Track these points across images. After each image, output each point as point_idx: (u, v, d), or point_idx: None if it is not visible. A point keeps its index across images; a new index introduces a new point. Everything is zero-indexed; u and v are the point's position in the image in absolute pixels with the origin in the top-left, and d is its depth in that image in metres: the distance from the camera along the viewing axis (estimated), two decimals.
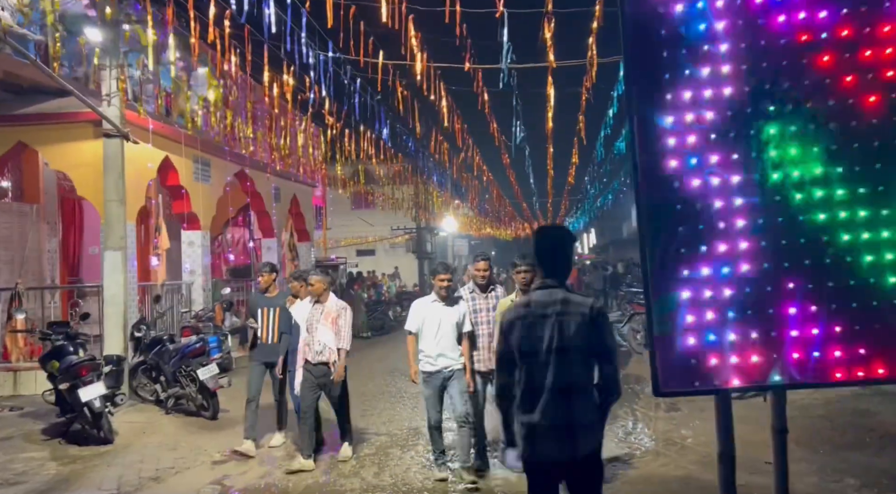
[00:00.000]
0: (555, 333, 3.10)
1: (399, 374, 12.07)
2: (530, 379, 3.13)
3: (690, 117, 2.89)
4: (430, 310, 6.06)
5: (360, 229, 36.96)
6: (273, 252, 16.76)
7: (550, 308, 3.15)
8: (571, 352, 3.09)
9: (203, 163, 13.12)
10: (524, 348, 3.16)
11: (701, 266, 2.82)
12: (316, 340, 6.60)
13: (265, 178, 15.83)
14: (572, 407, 3.06)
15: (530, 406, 3.10)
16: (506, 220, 40.19)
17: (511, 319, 3.24)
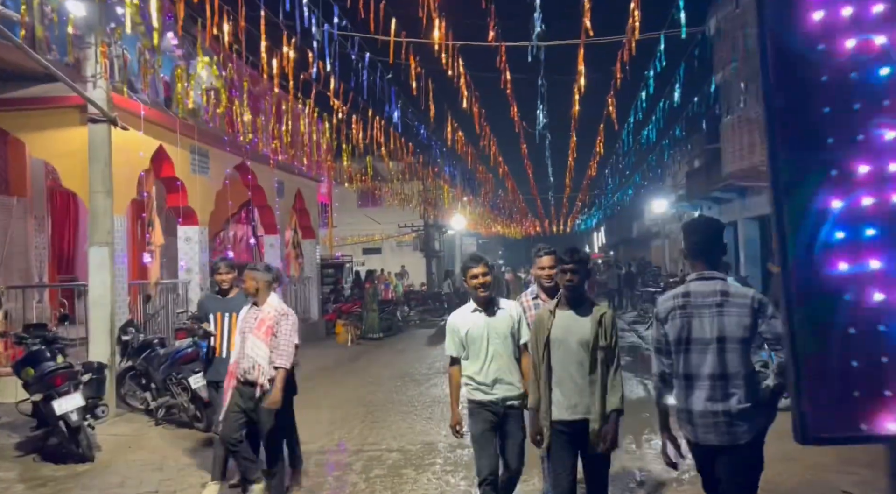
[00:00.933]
0: (715, 322, 3.25)
1: (409, 380, 11.24)
2: (688, 366, 3.32)
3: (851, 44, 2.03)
4: (472, 323, 4.39)
5: (367, 226, 36.16)
6: (276, 250, 15.94)
7: (711, 298, 3.30)
8: (732, 341, 3.24)
9: (201, 154, 12.31)
10: (683, 336, 3.32)
11: (874, 257, 1.97)
12: (245, 354, 5.21)
13: (268, 171, 14.99)
14: (731, 394, 3.23)
15: (689, 393, 3.31)
16: (517, 217, 39.24)
17: (670, 308, 3.40)
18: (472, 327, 4.39)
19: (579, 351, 3.82)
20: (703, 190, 24.38)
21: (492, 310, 4.43)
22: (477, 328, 4.37)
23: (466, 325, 4.42)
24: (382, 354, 14.69)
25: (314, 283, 18.09)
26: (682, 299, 3.37)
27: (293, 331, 5.34)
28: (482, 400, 4.35)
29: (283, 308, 5.36)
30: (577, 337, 3.83)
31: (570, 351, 3.83)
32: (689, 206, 26.88)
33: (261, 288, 5.30)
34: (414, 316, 23.73)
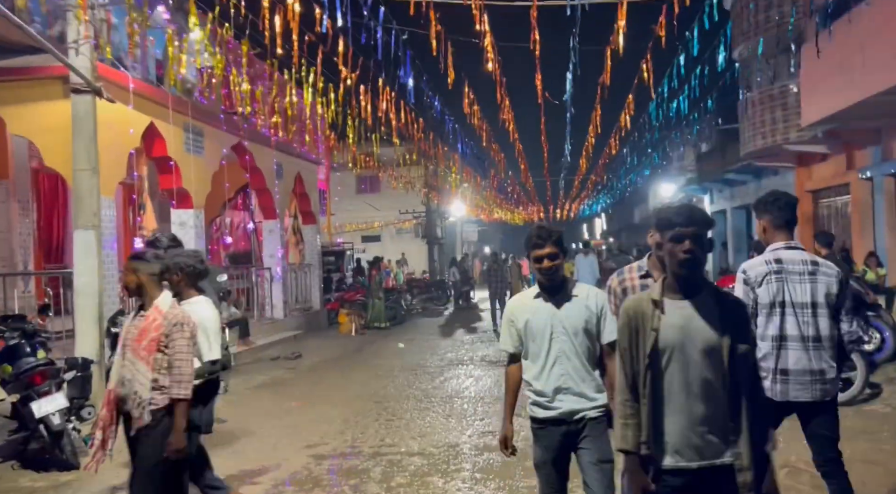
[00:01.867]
0: (808, 288, 3.48)
1: (422, 372, 10.51)
2: (783, 328, 3.51)
3: None
4: (532, 311, 3.37)
5: (366, 213, 35.40)
6: (276, 236, 15.17)
7: (802, 266, 3.53)
8: (822, 306, 3.48)
9: (195, 132, 11.50)
10: (778, 299, 3.50)
11: None
12: (123, 378, 3.78)
13: (266, 152, 14.20)
14: (821, 356, 3.49)
15: (782, 353, 3.51)
16: (524, 201, 38.37)
17: (764, 272, 3.54)
18: (532, 316, 3.35)
19: (707, 364, 2.54)
20: (716, 172, 23.62)
21: (561, 297, 3.34)
22: (539, 318, 3.33)
23: (526, 313, 3.38)
24: (389, 344, 13.95)
25: (315, 270, 17.33)
26: (775, 264, 3.57)
27: (191, 346, 3.79)
28: (543, 417, 3.34)
29: (176, 315, 3.75)
30: (701, 341, 2.54)
31: (691, 364, 2.55)
32: (700, 189, 26.12)
33: (144, 284, 3.77)
34: (417, 305, 23.03)
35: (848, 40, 9.46)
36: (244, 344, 12.48)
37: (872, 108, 10.27)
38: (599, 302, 3.37)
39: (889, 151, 13.36)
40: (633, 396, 2.64)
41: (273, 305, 14.96)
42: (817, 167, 16.83)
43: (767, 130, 15.91)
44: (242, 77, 11.05)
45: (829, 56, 9.69)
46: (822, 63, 10.76)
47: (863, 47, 9.05)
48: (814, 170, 17.06)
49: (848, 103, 10.16)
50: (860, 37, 8.93)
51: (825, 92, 11.03)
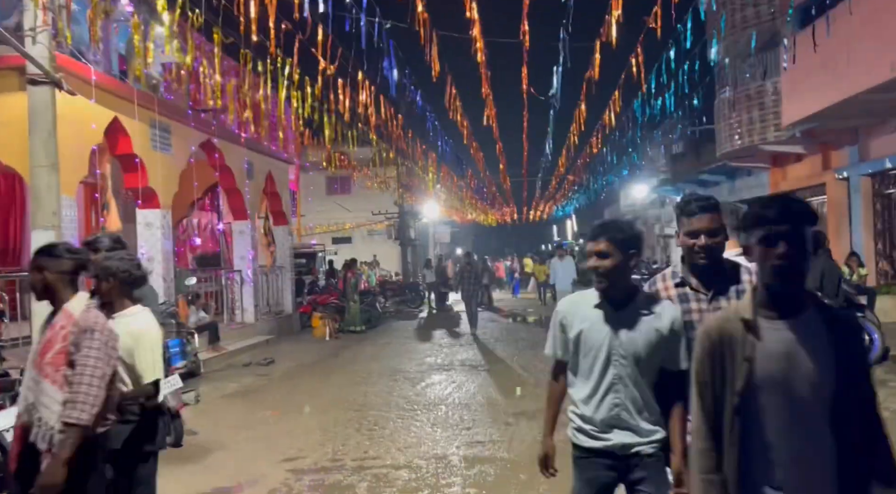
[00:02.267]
0: None
1: (402, 378, 10.14)
2: None
3: None
4: (590, 321, 2.76)
5: (337, 214, 34.85)
6: (246, 237, 14.66)
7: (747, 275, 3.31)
8: None
9: (162, 128, 10.99)
10: None
11: None
12: (22, 397, 3.13)
13: (237, 150, 13.71)
14: None
15: None
16: (499, 201, 38.12)
17: None
18: (588, 329, 2.73)
19: (816, 404, 1.96)
20: (689, 173, 23.67)
21: (627, 313, 2.70)
22: (596, 334, 2.72)
23: (581, 322, 2.76)
24: (366, 348, 13.55)
25: (287, 273, 16.84)
26: None
27: (103, 359, 2.96)
28: (588, 447, 2.76)
29: (88, 319, 3.01)
30: (808, 375, 1.95)
31: (795, 403, 1.97)
32: (673, 190, 26.16)
33: (52, 284, 3.07)
34: (390, 308, 22.60)
35: (831, 39, 9.36)
36: (214, 350, 11.98)
37: (856, 106, 10.21)
38: (674, 322, 2.66)
39: (866, 152, 13.40)
40: (716, 444, 2.03)
41: (244, 308, 14.46)
42: (792, 168, 16.88)
43: (744, 130, 15.89)
44: (212, 70, 10.60)
45: (812, 55, 9.59)
46: (803, 62, 10.67)
47: (847, 46, 8.95)
48: (788, 170, 17.12)
49: (831, 102, 10.09)
50: (844, 35, 8.84)
51: (807, 91, 10.96)
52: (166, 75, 13.71)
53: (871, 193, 13.36)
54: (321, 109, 10.07)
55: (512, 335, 15.00)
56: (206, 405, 8.58)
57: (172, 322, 9.58)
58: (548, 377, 2.99)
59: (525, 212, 40.60)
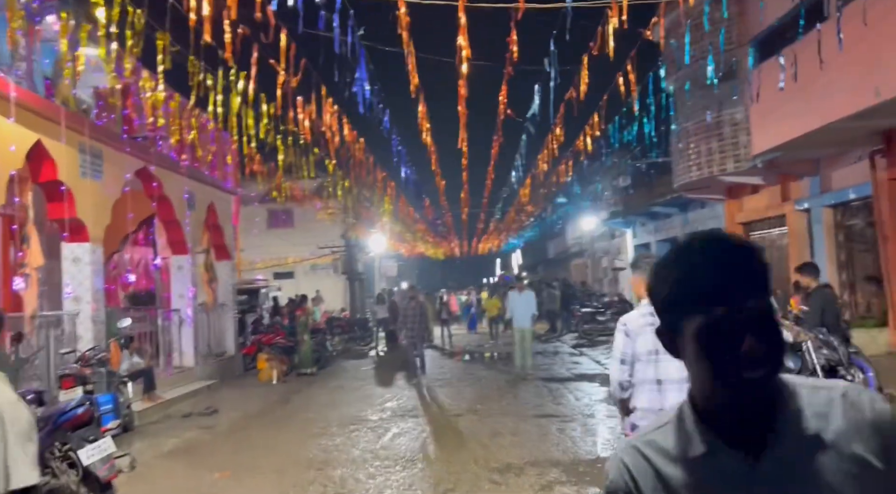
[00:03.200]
0: None
1: (365, 428, 9.18)
2: (659, 373, 3.67)
3: None
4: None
5: (278, 249, 33.56)
6: (186, 273, 13.48)
7: None
8: None
9: (93, 154, 9.90)
10: (655, 347, 3.57)
11: None
12: None
13: (176, 179, 12.62)
14: None
15: (663, 395, 3.63)
16: (449, 234, 37.40)
17: (643, 324, 3.61)
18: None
19: None
20: (640, 205, 23.60)
21: (783, 451, 1.22)
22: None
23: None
24: (319, 393, 12.49)
25: (230, 311, 15.64)
26: (650, 317, 3.55)
27: None
28: None
29: None
30: None
31: None
32: (623, 222, 26.11)
33: None
34: (339, 346, 21.42)
35: (806, 65, 9.14)
36: (149, 399, 10.75)
37: (833, 134, 9.99)
38: None
39: (828, 183, 13.31)
40: None
41: (182, 351, 13.22)
42: (748, 199, 16.82)
43: (703, 161, 15.72)
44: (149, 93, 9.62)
45: (787, 82, 9.35)
46: (773, 90, 10.46)
47: (825, 71, 8.71)
48: (744, 202, 17.05)
49: (807, 130, 9.85)
50: (824, 60, 8.60)
51: (781, 119, 10.74)
52: (98, 99, 12.64)
53: (832, 224, 13.26)
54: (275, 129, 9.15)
55: (471, 375, 14.20)
56: (143, 468, 7.43)
57: (103, 371, 8.40)
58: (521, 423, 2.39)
59: (473, 245, 40.07)
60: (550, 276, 43.36)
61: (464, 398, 11.16)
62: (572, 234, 39.81)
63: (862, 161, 11.94)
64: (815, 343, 6.73)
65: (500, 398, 10.96)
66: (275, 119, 8.64)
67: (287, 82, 7.43)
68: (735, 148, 15.01)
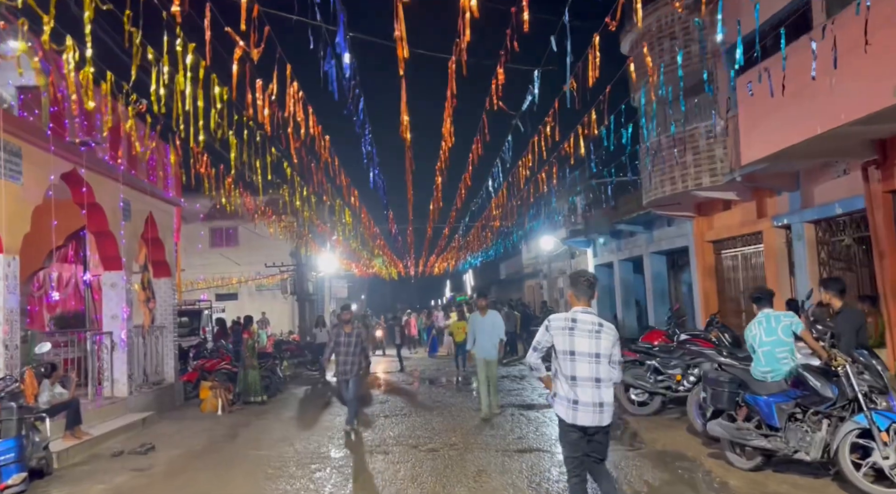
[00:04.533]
0: (593, 342, 4.89)
1: (331, 467, 7.95)
2: (574, 371, 4.87)
3: None
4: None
5: (221, 268, 31.87)
6: (119, 291, 11.98)
7: (591, 326, 4.86)
8: (602, 356, 4.85)
9: (10, 151, 8.51)
10: (569, 349, 4.81)
11: None
12: None
13: (109, 185, 11.21)
14: (600, 393, 4.81)
15: (574, 389, 4.79)
16: (410, 252, 36.16)
17: (563, 326, 4.81)
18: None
19: None
20: (601, 224, 23.02)
21: None
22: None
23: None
24: (271, 425, 11.16)
25: (169, 334, 14.15)
26: (571, 322, 4.74)
27: None
28: None
29: None
30: None
31: None
32: (584, 242, 25.51)
33: None
34: (287, 371, 19.96)
35: (802, 68, 8.53)
36: (74, 436, 9.28)
37: (832, 142, 9.39)
38: None
39: (809, 197, 12.82)
40: None
41: (114, 379, 11.71)
42: (719, 216, 16.31)
43: (677, 176, 15.14)
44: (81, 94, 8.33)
45: (781, 86, 8.71)
46: (764, 97, 9.85)
47: (830, 72, 8.10)
48: (715, 219, 16.55)
49: (805, 136, 9.22)
50: (825, 61, 8.00)
51: (773, 127, 10.11)
52: (22, 95, 11.21)
53: (815, 240, 12.74)
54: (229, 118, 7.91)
55: (439, 403, 13.07)
56: None
57: (12, 406, 6.97)
58: None
59: (430, 263, 38.96)
60: (504, 297, 42.65)
61: (436, 431, 10.04)
62: (527, 254, 39.21)
63: (848, 174, 11.45)
64: (855, 368, 5.93)
65: (477, 431, 9.88)
66: (229, 105, 7.44)
67: (245, 57, 6.26)
68: (711, 161, 14.48)
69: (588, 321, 4.72)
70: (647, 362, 10.68)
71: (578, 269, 12.70)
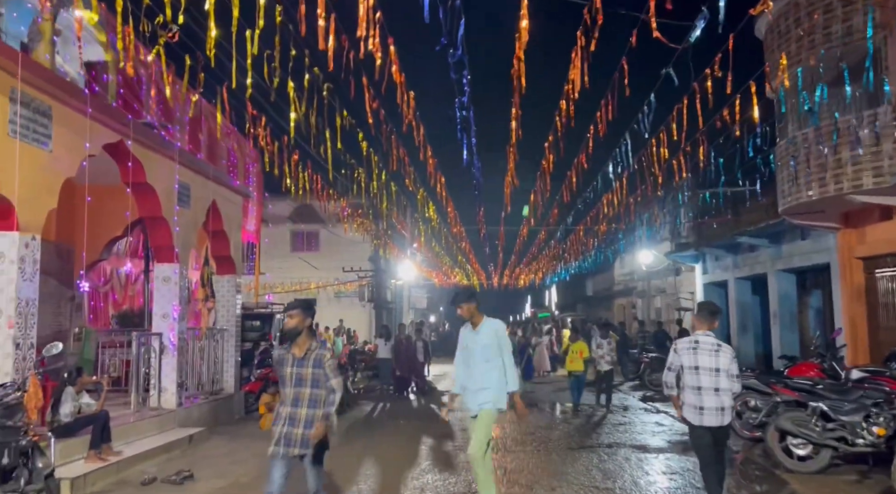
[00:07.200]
0: (713, 359, 6.00)
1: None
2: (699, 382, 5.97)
3: None
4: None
5: (301, 273, 30.86)
6: (173, 287, 10.49)
7: (711, 346, 6.00)
8: (722, 371, 5.99)
9: (35, 109, 7.07)
10: (693, 364, 5.97)
11: None
12: None
13: (163, 163, 9.78)
14: (721, 399, 5.96)
15: (700, 397, 5.93)
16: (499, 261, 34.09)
17: (688, 346, 6.02)
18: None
19: None
20: (717, 236, 20.31)
21: None
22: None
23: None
24: (340, 453, 9.32)
25: (231, 339, 12.63)
26: (694, 343, 5.87)
27: None
28: None
29: None
30: None
31: None
32: (692, 257, 22.76)
33: None
34: (360, 384, 18.16)
35: None
36: (99, 457, 7.73)
37: None
38: None
39: None
40: None
41: (162, 388, 10.21)
42: (874, 228, 13.49)
43: (828, 177, 12.52)
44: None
45: None
46: None
47: None
48: (868, 231, 13.73)
49: None
50: None
51: None
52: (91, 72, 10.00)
53: None
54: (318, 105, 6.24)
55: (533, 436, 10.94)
56: None
57: (9, 425, 5.35)
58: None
59: (515, 274, 36.71)
60: (593, 316, 39.91)
61: (546, 470, 7.93)
62: (620, 270, 36.45)
63: None
64: None
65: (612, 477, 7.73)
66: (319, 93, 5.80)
67: None
68: (875, 158, 11.82)
69: (708, 342, 5.80)
70: (810, 403, 8.24)
71: (704, 301, 11.72)
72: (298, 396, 5.00)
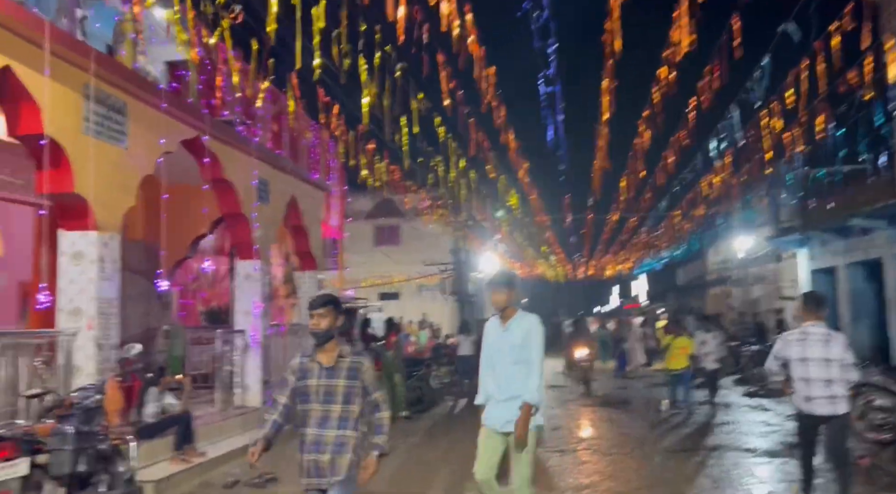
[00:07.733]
0: (822, 349, 5.85)
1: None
2: (807, 372, 5.82)
3: None
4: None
5: (383, 267, 30.92)
6: (255, 283, 10.37)
7: (820, 336, 5.92)
8: (833, 360, 5.72)
9: (108, 105, 6.96)
10: (802, 355, 5.84)
11: None
12: None
13: (241, 159, 9.63)
14: (832, 389, 5.78)
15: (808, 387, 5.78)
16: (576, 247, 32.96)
17: (796, 338, 5.84)
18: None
19: None
20: (827, 219, 18.76)
21: None
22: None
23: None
24: (421, 453, 8.94)
25: None
26: (802, 334, 5.77)
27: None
28: None
29: None
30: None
31: None
32: (796, 242, 21.17)
33: None
34: (444, 378, 17.25)
35: None
36: (183, 458, 7.61)
37: None
38: None
39: None
40: None
41: (245, 386, 10.11)
42: None
43: None
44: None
45: None
46: None
47: None
48: None
49: None
50: None
51: None
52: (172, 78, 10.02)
53: None
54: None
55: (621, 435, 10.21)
56: None
57: (67, 433, 5.19)
58: None
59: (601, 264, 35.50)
60: (685, 305, 38.28)
61: (647, 476, 7.27)
62: (714, 257, 34.69)
63: None
64: None
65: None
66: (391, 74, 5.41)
67: None
68: None
69: (818, 332, 5.70)
70: None
71: (809, 291, 11.48)
72: (327, 415, 3.92)
